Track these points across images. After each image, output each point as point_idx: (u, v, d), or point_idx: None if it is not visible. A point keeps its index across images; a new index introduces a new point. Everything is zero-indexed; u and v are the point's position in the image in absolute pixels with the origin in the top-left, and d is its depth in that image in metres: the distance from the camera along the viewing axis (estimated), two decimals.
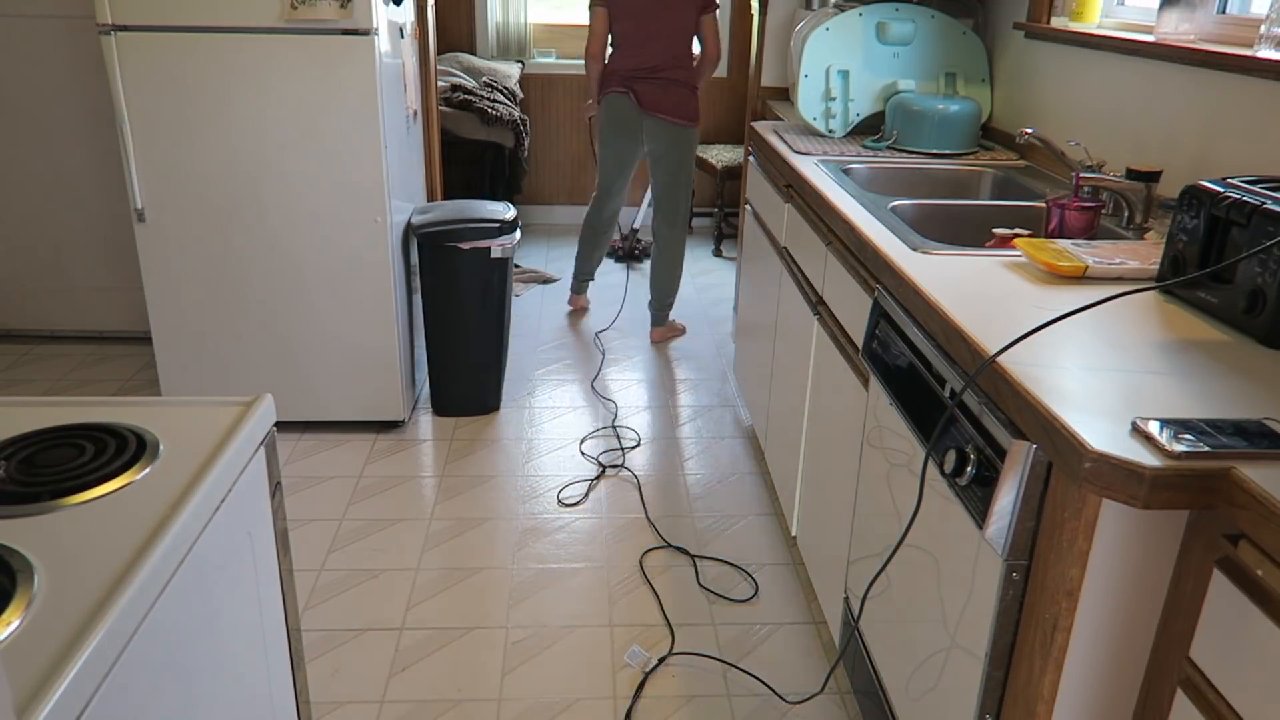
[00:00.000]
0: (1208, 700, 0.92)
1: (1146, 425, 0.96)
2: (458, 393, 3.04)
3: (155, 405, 1.12)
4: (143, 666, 0.82)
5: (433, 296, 2.91)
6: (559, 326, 3.87)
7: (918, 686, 1.43)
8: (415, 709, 1.88)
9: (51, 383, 3.28)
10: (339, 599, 2.19)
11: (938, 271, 1.45)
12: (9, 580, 0.79)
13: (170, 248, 2.70)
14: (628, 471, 2.77)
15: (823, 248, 1.97)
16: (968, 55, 2.67)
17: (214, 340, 2.80)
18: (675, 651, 2.04)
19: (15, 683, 0.68)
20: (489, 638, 2.08)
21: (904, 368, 1.43)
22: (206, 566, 0.96)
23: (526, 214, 5.22)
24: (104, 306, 3.56)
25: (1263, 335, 1.20)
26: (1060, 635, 1.03)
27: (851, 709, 1.89)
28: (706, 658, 2.02)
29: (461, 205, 3.00)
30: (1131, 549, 0.99)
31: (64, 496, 0.92)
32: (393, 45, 2.75)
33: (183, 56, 2.52)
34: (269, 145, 2.62)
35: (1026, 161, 2.40)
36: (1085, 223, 1.73)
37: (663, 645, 2.07)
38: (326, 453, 2.83)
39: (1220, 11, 1.91)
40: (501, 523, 2.50)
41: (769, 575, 2.31)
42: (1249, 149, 1.64)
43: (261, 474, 1.12)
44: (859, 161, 2.35)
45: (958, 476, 1.18)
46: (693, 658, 2.03)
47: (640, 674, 1.98)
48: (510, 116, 4.44)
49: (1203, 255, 1.30)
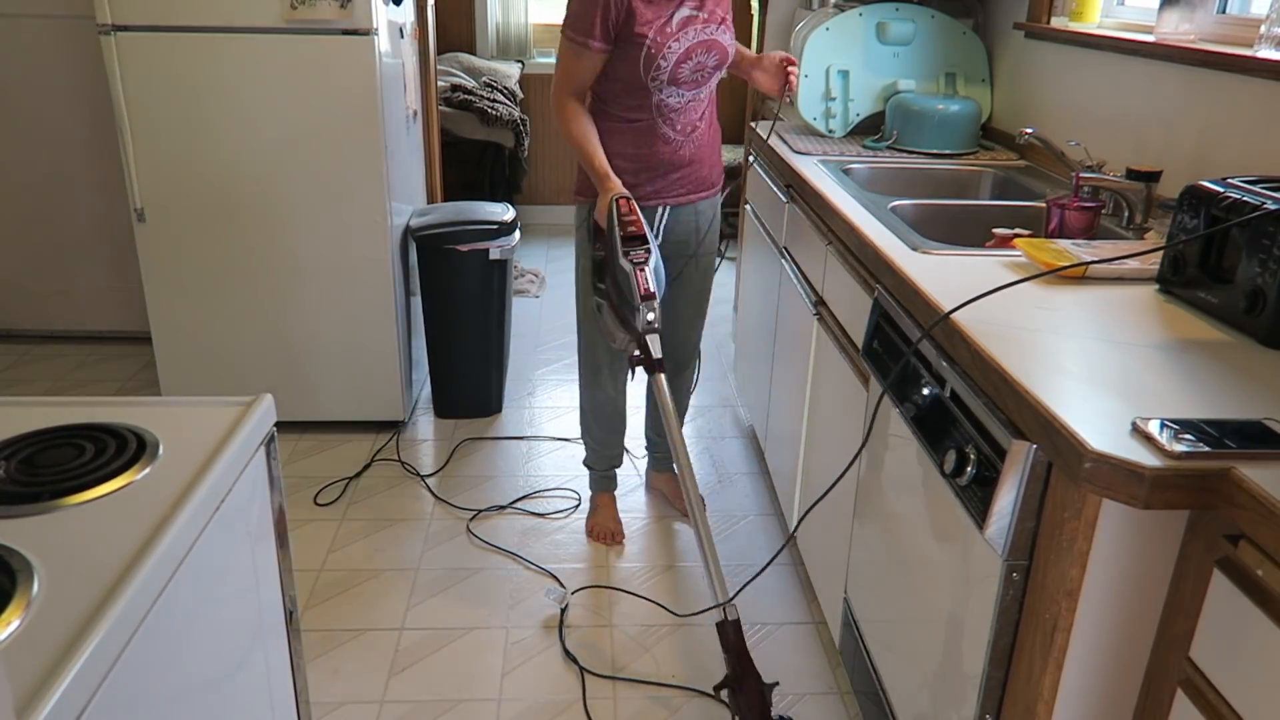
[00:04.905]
0: (1208, 700, 0.92)
1: (1146, 425, 0.96)
2: (459, 395, 3.04)
3: (155, 405, 1.12)
4: (142, 667, 0.82)
5: (432, 299, 2.91)
6: (559, 326, 3.87)
7: (918, 686, 1.43)
8: (415, 709, 1.88)
9: (51, 383, 3.27)
10: (339, 599, 2.19)
11: (938, 271, 1.45)
12: (9, 580, 0.79)
13: (170, 248, 2.70)
14: (628, 471, 2.77)
15: (823, 248, 1.97)
16: (968, 55, 2.67)
17: (214, 340, 2.80)
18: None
19: (15, 683, 0.68)
20: (489, 638, 2.08)
21: (904, 367, 1.43)
22: (206, 566, 0.95)
23: (526, 214, 5.21)
24: (104, 306, 3.56)
25: (1263, 335, 1.20)
26: (1060, 635, 1.03)
27: (852, 709, 1.89)
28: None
29: (460, 207, 3.00)
30: (1131, 549, 0.99)
31: (64, 496, 0.92)
32: (393, 45, 2.75)
33: (183, 56, 2.52)
34: (269, 145, 2.62)
35: (1026, 161, 2.40)
36: (1085, 223, 1.73)
37: (663, 645, 2.06)
38: (326, 453, 2.83)
39: (1220, 11, 1.91)
40: (502, 523, 2.50)
41: (769, 575, 2.30)
42: (1249, 149, 1.64)
43: (261, 474, 1.12)
44: (859, 161, 2.35)
45: (958, 476, 1.18)
46: (706, 650, 2.03)
47: (557, 609, 2.13)
48: (510, 116, 4.44)
49: (1203, 255, 1.30)
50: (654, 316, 1.93)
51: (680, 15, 1.97)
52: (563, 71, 2.04)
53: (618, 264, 1.93)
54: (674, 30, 1.97)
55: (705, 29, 2.00)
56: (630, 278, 1.92)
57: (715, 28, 2.02)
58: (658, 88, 2.01)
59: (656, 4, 1.95)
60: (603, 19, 1.93)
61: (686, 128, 2.11)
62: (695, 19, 1.99)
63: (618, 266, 1.93)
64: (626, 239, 1.93)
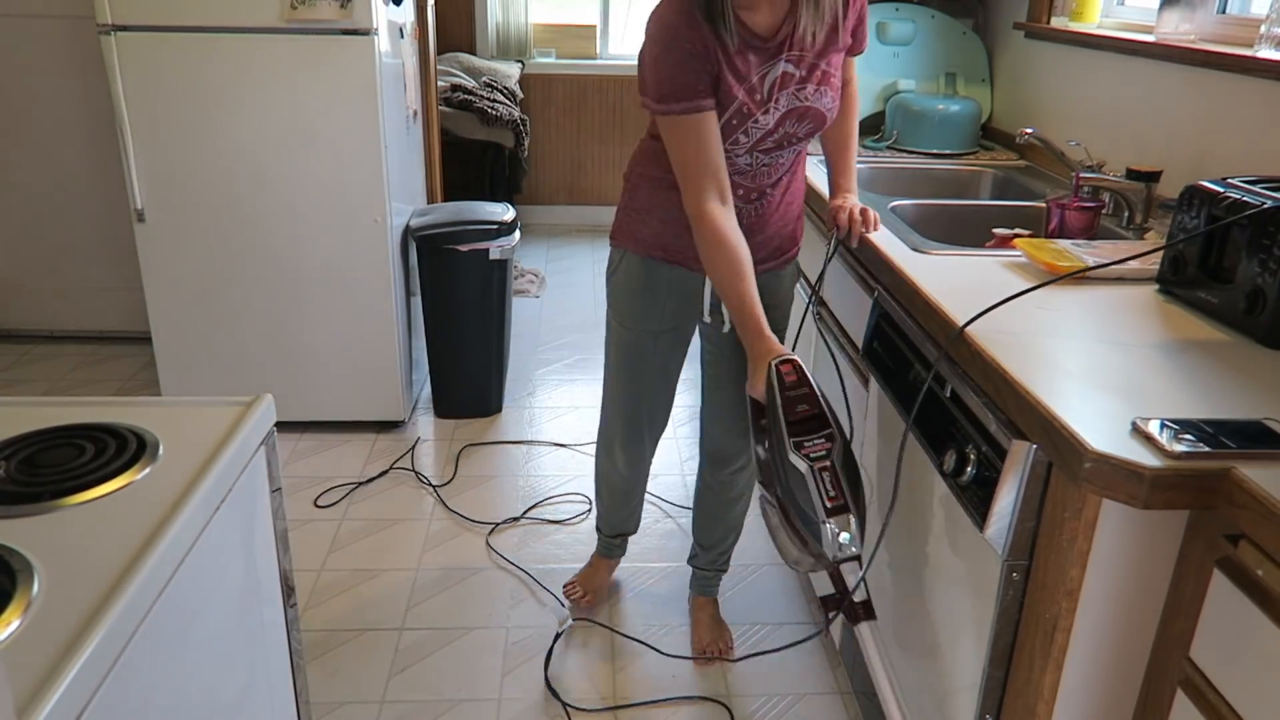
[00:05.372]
0: (1208, 700, 0.92)
1: (1146, 425, 0.96)
2: (459, 395, 3.04)
3: (155, 405, 1.12)
4: (142, 667, 0.82)
5: (432, 299, 2.91)
6: (559, 326, 3.87)
7: (918, 686, 1.43)
8: (415, 709, 1.88)
9: (51, 383, 3.27)
10: (339, 599, 2.19)
11: (938, 272, 1.45)
12: (9, 580, 0.79)
13: (170, 248, 2.70)
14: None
15: (823, 248, 1.97)
16: (968, 55, 2.67)
17: (214, 340, 2.80)
18: (678, 655, 2.04)
19: (15, 683, 0.68)
20: (489, 638, 2.08)
21: (904, 368, 1.43)
22: (206, 567, 0.95)
23: (526, 214, 5.22)
24: (104, 306, 3.56)
25: (1263, 335, 1.20)
26: (1060, 635, 1.03)
27: (852, 709, 1.89)
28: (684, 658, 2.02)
29: (460, 207, 3.00)
30: (1131, 549, 0.99)
31: (64, 496, 0.92)
32: (393, 45, 2.75)
33: (183, 56, 2.52)
34: (269, 145, 2.62)
35: (1026, 161, 2.40)
36: (1085, 223, 1.73)
37: (663, 645, 2.07)
38: (326, 453, 2.83)
39: (1220, 11, 1.91)
40: (502, 523, 2.50)
41: (769, 575, 2.30)
42: (1249, 149, 1.64)
43: (261, 474, 1.12)
44: (859, 161, 2.34)
45: (958, 476, 1.18)
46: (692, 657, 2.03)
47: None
48: (510, 116, 4.44)
49: (1203, 255, 1.30)
50: (851, 537, 1.34)
51: (773, 76, 1.49)
52: (682, 157, 1.50)
53: (786, 460, 1.36)
54: (764, 98, 1.50)
55: (801, 94, 1.53)
56: (806, 481, 1.35)
57: (816, 90, 1.53)
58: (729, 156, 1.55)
59: (740, 57, 1.46)
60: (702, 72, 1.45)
61: (752, 193, 1.63)
62: (791, 78, 1.51)
63: (787, 464, 1.36)
64: (796, 423, 1.37)
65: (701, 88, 1.45)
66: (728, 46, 1.44)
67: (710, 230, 1.49)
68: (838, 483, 1.35)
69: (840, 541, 1.33)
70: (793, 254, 1.78)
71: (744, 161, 1.58)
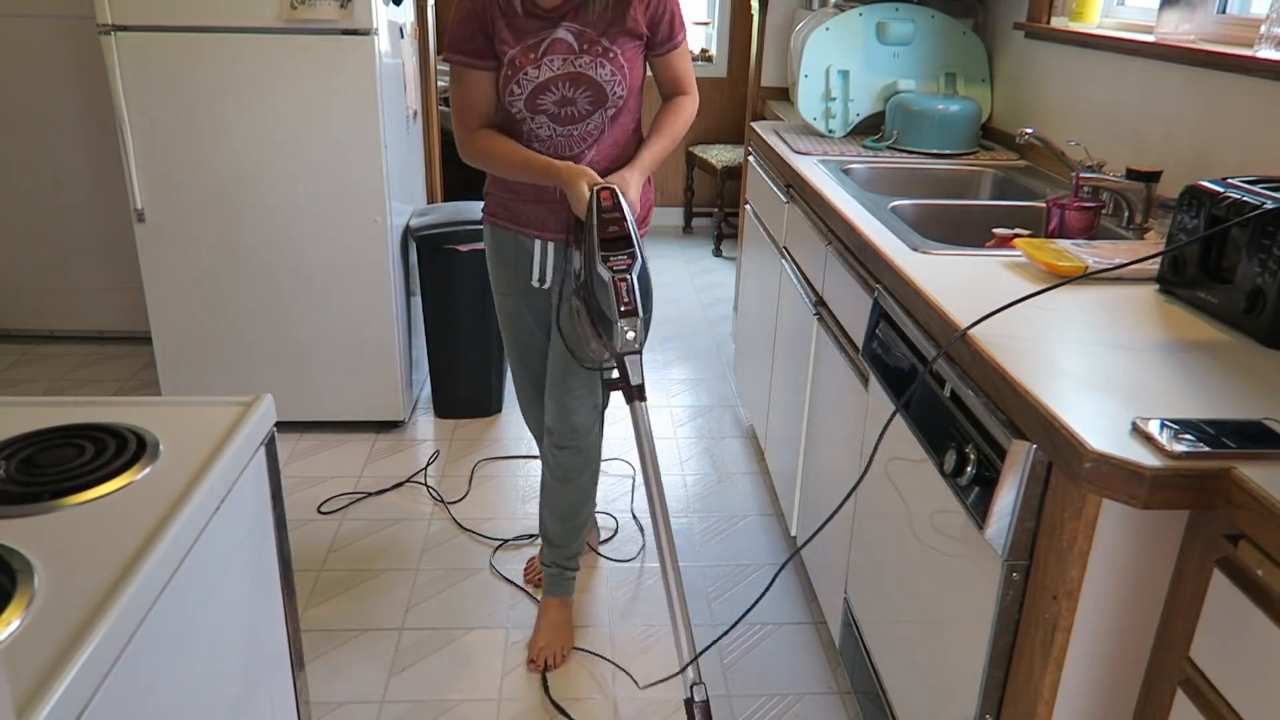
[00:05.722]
0: (1208, 700, 0.92)
1: (1146, 425, 0.95)
2: (459, 395, 3.04)
3: (155, 405, 1.12)
4: (142, 667, 0.82)
5: (432, 299, 2.91)
6: None
7: (918, 686, 1.43)
8: (415, 709, 1.88)
9: (51, 383, 3.27)
10: (339, 599, 2.19)
11: (938, 271, 1.45)
12: (9, 580, 0.79)
13: (170, 248, 2.70)
14: (628, 471, 2.77)
15: (823, 248, 1.97)
16: (968, 55, 2.67)
17: (214, 340, 2.80)
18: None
19: (15, 683, 0.68)
20: (489, 638, 2.08)
21: (904, 368, 1.43)
22: (206, 566, 0.95)
23: None
24: (104, 306, 3.56)
25: (1263, 335, 1.20)
26: (1060, 635, 1.03)
27: (851, 709, 1.89)
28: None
29: (460, 207, 3.00)
30: (1131, 549, 0.99)
31: (64, 496, 0.92)
32: (393, 45, 2.75)
33: (183, 56, 2.52)
34: (269, 145, 2.62)
35: (1026, 161, 2.40)
36: (1085, 223, 1.73)
37: (662, 646, 2.06)
38: (326, 453, 2.83)
39: (1220, 11, 1.91)
40: (502, 523, 2.50)
41: (769, 575, 2.30)
42: (1249, 149, 1.64)
43: (261, 474, 1.12)
44: (859, 161, 2.35)
45: (958, 476, 1.18)
46: None
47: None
48: None
49: (1203, 255, 1.30)
50: (634, 335, 1.67)
51: (549, 39, 1.74)
52: (457, 101, 1.83)
53: (595, 270, 1.67)
54: (537, 56, 1.74)
55: (576, 61, 1.75)
56: (609, 289, 1.65)
57: (591, 61, 1.75)
58: (522, 117, 1.79)
59: (522, 21, 1.73)
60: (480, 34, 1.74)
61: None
62: (565, 44, 1.74)
63: (595, 273, 1.67)
64: (607, 241, 1.67)
65: (474, 46, 1.75)
66: (510, 12, 1.73)
67: (480, 145, 1.83)
68: (632, 293, 1.66)
69: (627, 337, 1.67)
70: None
71: (544, 133, 1.81)
